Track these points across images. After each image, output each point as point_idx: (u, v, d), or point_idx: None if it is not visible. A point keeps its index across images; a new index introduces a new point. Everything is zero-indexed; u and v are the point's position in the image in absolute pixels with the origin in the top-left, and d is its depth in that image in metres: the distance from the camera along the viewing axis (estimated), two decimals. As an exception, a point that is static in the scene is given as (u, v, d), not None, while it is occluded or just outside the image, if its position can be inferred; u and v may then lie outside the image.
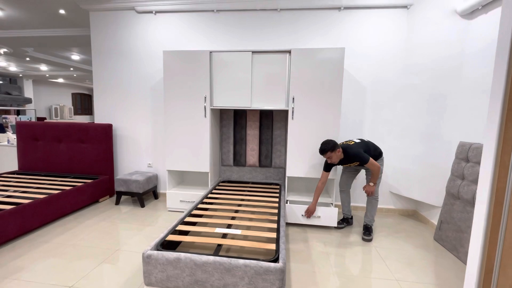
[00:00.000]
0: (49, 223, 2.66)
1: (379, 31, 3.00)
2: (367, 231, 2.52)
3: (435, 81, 2.66)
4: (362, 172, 2.92)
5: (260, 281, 1.43)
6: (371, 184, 2.45)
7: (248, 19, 3.17)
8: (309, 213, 2.62)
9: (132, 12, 3.35)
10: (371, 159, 2.35)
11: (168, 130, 2.97)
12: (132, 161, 3.60)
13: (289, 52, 2.70)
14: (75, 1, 3.33)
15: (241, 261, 1.44)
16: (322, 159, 2.74)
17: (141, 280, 1.81)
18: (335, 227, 2.70)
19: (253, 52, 2.75)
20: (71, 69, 8.53)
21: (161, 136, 3.49)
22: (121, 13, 3.37)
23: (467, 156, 2.24)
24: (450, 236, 2.31)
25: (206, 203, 2.51)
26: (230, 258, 1.46)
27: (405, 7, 2.93)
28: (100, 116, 3.59)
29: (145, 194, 3.30)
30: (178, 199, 3.03)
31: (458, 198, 2.28)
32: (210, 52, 2.80)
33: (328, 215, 2.66)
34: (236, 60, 2.77)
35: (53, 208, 2.62)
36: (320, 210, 2.68)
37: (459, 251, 2.18)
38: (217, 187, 3.01)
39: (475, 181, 2.12)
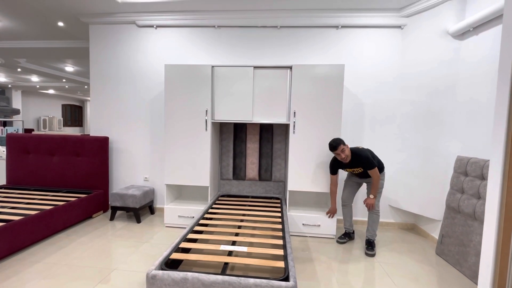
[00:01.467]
0: (40, 240, 2.52)
1: (376, 49, 3.11)
2: (370, 245, 2.51)
3: (431, 97, 2.75)
4: (363, 187, 2.93)
5: (271, 302, 1.37)
6: (371, 196, 2.46)
7: (249, 35, 3.24)
8: (332, 213, 2.71)
9: (133, 26, 3.37)
10: (376, 167, 2.41)
11: (167, 144, 2.93)
12: (128, 175, 3.51)
13: (290, 68, 2.76)
14: (75, 15, 3.34)
15: (251, 280, 1.40)
16: (324, 173, 2.75)
17: (141, 302, 1.71)
18: (337, 241, 2.69)
19: (255, 67, 2.79)
20: (64, 80, 8.41)
21: (158, 150, 3.43)
22: (121, 26, 3.39)
23: (466, 170, 2.29)
24: (453, 250, 2.32)
25: (207, 218, 2.45)
26: (240, 277, 1.41)
27: (399, 27, 3.07)
28: (96, 128, 3.52)
29: (141, 209, 3.20)
30: (177, 214, 2.95)
31: (459, 212, 2.31)
32: (212, 66, 2.82)
33: (328, 224, 2.76)
34: (238, 75, 2.80)
35: (45, 224, 2.50)
36: (319, 219, 2.77)
37: (463, 265, 2.18)
38: (216, 202, 2.95)
39: (475, 195, 2.16)
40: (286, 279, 1.45)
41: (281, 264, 1.63)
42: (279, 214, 2.55)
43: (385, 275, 2.13)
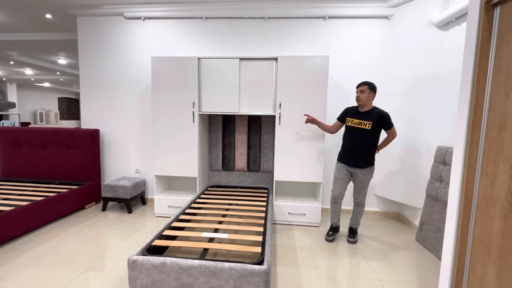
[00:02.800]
0: (33, 230, 2.60)
1: (363, 39, 3.12)
2: (352, 233, 2.58)
3: (416, 88, 2.78)
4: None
5: (245, 284, 1.45)
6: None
7: (237, 27, 3.24)
8: (308, 117, 2.56)
9: (121, 18, 3.36)
10: (394, 127, 2.36)
11: (156, 135, 2.97)
12: (119, 166, 3.57)
13: (276, 59, 2.77)
14: (62, 6, 3.32)
15: (226, 264, 1.47)
16: (309, 163, 2.80)
17: (126, 286, 1.79)
18: (325, 239, 2.57)
19: (241, 59, 2.81)
20: (58, 73, 8.37)
21: (149, 141, 3.48)
22: (109, 18, 3.38)
23: (444, 159, 2.35)
24: (431, 236, 2.40)
25: (194, 208, 2.52)
26: (216, 262, 1.48)
27: (386, 17, 3.06)
28: (87, 121, 3.56)
29: (133, 200, 3.27)
30: (166, 205, 3.02)
31: (437, 200, 2.38)
32: (199, 58, 2.84)
33: (313, 212, 2.83)
34: (224, 67, 2.82)
35: (37, 215, 2.57)
36: (305, 208, 2.85)
37: (438, 250, 2.27)
38: (205, 192, 3.02)
39: (452, 183, 2.22)
40: (261, 263, 1.52)
41: (258, 249, 1.70)
42: (265, 204, 2.62)
43: (364, 260, 2.21)
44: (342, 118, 2.53)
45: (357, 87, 2.37)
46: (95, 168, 3.38)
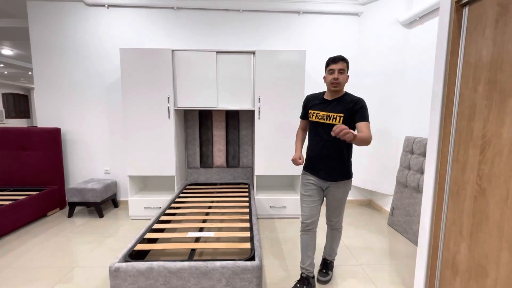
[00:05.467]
0: (-16, 245, 2.29)
1: (335, 35, 3.22)
2: (326, 268, 1.88)
3: (384, 82, 2.96)
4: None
5: (238, 281, 1.44)
6: (351, 132, 1.35)
7: (211, 19, 3.13)
8: (296, 162, 1.74)
9: (81, 4, 3.04)
10: (369, 123, 1.58)
11: (128, 133, 2.78)
12: (86, 168, 3.28)
13: (254, 53, 2.74)
14: (7, -12, 2.90)
15: (218, 263, 1.44)
16: (289, 156, 2.84)
17: (106, 296, 1.67)
18: None
19: (218, 52, 2.73)
20: (1, 65, 7.38)
21: (119, 140, 3.24)
22: (66, 4, 3.04)
23: (412, 149, 2.55)
24: (401, 220, 2.60)
25: (174, 207, 2.42)
26: (206, 262, 1.44)
27: (356, 14, 3.19)
28: (44, 119, 3.19)
29: (103, 203, 3.04)
30: (142, 206, 2.86)
31: (406, 186, 2.58)
32: (173, 51, 2.69)
33: (293, 204, 2.91)
34: (201, 60, 2.72)
35: (-11, 227, 2.26)
36: (285, 201, 2.91)
37: (409, 232, 2.47)
38: (184, 191, 2.92)
39: (419, 171, 2.42)
40: (252, 259, 1.52)
41: (247, 245, 1.69)
42: (247, 199, 2.61)
43: (344, 247, 2.33)
44: (305, 114, 1.81)
45: (331, 63, 1.63)
46: (58, 171, 3.06)
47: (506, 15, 1.09)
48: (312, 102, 1.76)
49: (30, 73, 8.52)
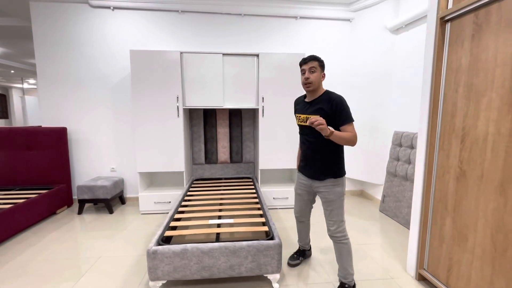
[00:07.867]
0: (2, 242, 2.34)
1: (329, 39, 3.49)
2: None
3: (373, 83, 3.26)
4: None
5: (261, 257, 1.65)
6: (328, 128, 1.44)
7: (215, 22, 3.30)
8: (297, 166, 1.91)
9: (85, 6, 3.11)
10: (353, 123, 1.55)
11: (137, 132, 2.90)
12: (91, 166, 3.35)
13: (257, 55, 2.95)
14: (10, -11, 2.92)
15: (244, 242, 1.64)
16: (290, 150, 3.08)
17: (139, 279, 1.83)
18: (288, 264, 1.99)
19: (224, 54, 2.91)
20: (-19, 63, 7.07)
21: (125, 138, 3.34)
22: (71, 6, 3.09)
23: (401, 142, 2.87)
24: (392, 206, 2.92)
25: (188, 200, 2.58)
26: (234, 242, 1.64)
27: (348, 20, 3.48)
28: (49, 119, 3.23)
29: (112, 200, 3.14)
30: (152, 201, 3.00)
31: (396, 176, 2.90)
32: (181, 53, 2.84)
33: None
34: (208, 61, 2.89)
35: (6, 224, 2.32)
36: (287, 193, 3.14)
37: (399, 216, 2.79)
38: (192, 185, 3.08)
39: (407, 161, 2.74)
40: (272, 238, 1.74)
41: (265, 228, 1.91)
42: (254, 191, 2.82)
43: (343, 230, 2.60)
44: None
45: (302, 64, 1.63)
46: (65, 170, 3.12)
47: (479, 32, 1.38)
48: (296, 106, 1.82)
49: (12, 71, 8.20)
